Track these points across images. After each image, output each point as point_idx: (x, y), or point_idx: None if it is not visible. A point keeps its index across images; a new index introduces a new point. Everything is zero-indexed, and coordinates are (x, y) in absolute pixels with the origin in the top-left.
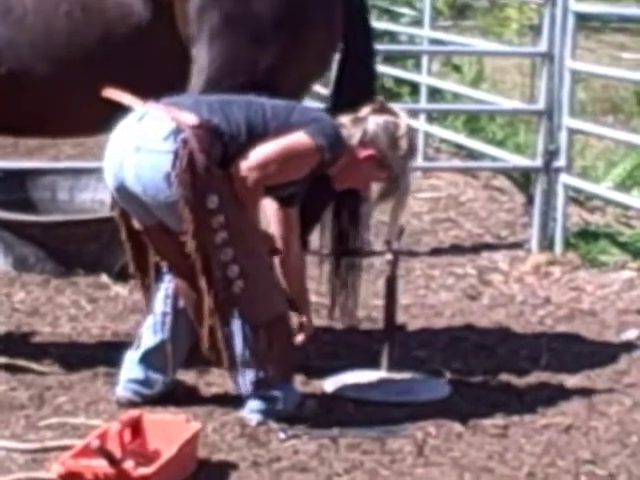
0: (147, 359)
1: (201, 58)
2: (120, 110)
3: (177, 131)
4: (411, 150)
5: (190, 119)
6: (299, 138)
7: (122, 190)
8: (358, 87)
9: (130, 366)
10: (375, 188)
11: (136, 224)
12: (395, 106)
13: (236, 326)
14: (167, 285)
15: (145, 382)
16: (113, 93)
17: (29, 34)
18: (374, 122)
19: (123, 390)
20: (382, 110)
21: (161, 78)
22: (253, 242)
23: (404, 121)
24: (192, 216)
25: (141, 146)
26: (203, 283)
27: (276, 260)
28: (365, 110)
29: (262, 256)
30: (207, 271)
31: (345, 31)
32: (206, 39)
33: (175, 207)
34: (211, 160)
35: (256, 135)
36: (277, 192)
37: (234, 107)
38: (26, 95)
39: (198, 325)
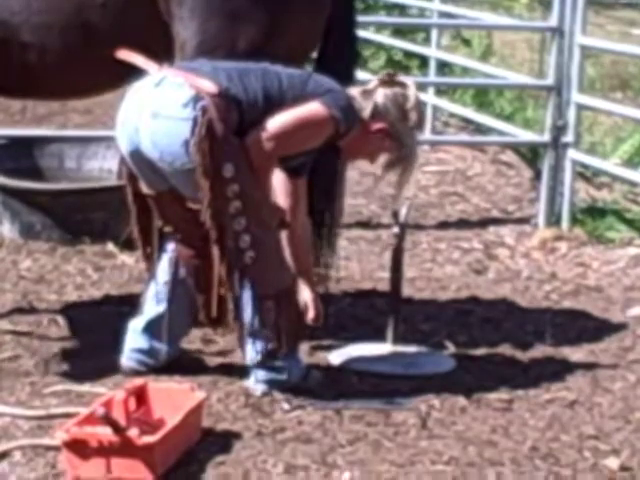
0: (150, 329)
1: (181, 34)
2: (104, 75)
3: (196, 98)
4: (420, 121)
5: (209, 87)
6: (315, 108)
7: (136, 154)
8: (340, 59)
9: (134, 335)
10: (382, 158)
11: (144, 188)
12: (404, 77)
13: (246, 296)
14: (170, 254)
15: (149, 352)
16: (126, 55)
17: (13, 1)
18: (383, 94)
19: (127, 360)
20: (391, 82)
21: (144, 50)
22: (265, 212)
23: (413, 92)
24: (208, 185)
25: (159, 112)
26: (216, 252)
27: (283, 232)
28: (374, 82)
29: (272, 227)
30: (220, 240)
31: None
32: (186, 15)
33: (190, 174)
34: (229, 128)
35: (273, 104)
36: (288, 162)
37: (251, 76)
38: (11, 59)
39: (199, 294)
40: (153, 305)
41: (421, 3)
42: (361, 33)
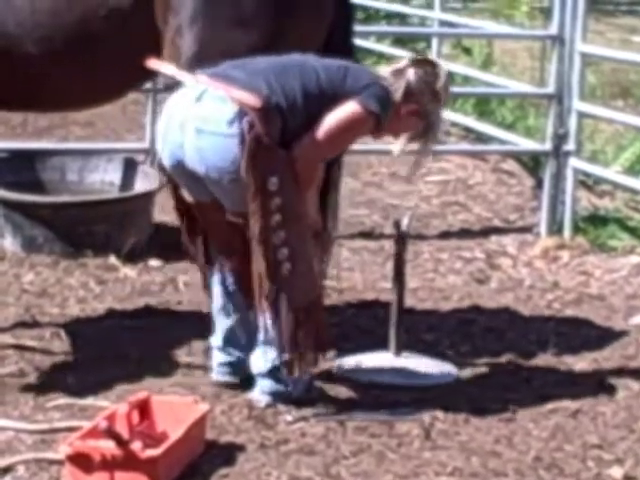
0: (229, 342)
1: (180, 42)
2: (107, 85)
3: (241, 114)
4: (447, 97)
5: (253, 101)
6: (356, 110)
7: (179, 168)
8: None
9: (216, 352)
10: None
11: (187, 197)
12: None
13: (278, 306)
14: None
15: (235, 364)
16: (157, 64)
17: (16, 14)
18: (415, 74)
19: (217, 374)
20: (420, 61)
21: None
22: (303, 224)
23: (443, 71)
24: (258, 200)
25: (203, 128)
26: (261, 266)
27: None
28: (404, 62)
29: (308, 239)
30: (265, 254)
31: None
32: (185, 23)
33: (235, 188)
34: (273, 140)
35: (312, 101)
36: None
37: (289, 75)
38: (15, 71)
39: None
40: (223, 319)
41: (422, 12)
42: (362, 43)
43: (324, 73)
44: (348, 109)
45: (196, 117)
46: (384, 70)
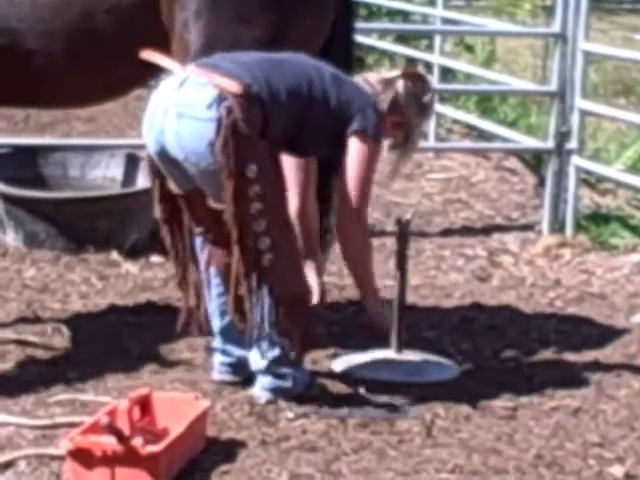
0: (227, 342)
1: (187, 37)
2: (108, 82)
3: (220, 99)
4: (431, 111)
5: (233, 87)
6: (364, 151)
7: (163, 155)
8: (338, 65)
9: (217, 353)
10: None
11: (173, 188)
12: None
13: (262, 299)
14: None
15: (236, 363)
16: (150, 55)
17: (18, 9)
18: (405, 87)
19: (219, 373)
20: (411, 74)
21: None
22: (286, 215)
23: (430, 87)
24: (232, 185)
25: (183, 113)
26: (236, 252)
27: (293, 207)
28: (394, 72)
29: (293, 232)
30: (241, 240)
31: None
32: (190, 18)
33: (215, 175)
34: (253, 128)
35: (298, 102)
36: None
37: (276, 72)
38: (18, 67)
39: (227, 292)
40: (219, 320)
41: (424, 10)
42: (365, 40)
43: (317, 78)
44: (360, 152)
45: (177, 102)
46: (373, 77)
